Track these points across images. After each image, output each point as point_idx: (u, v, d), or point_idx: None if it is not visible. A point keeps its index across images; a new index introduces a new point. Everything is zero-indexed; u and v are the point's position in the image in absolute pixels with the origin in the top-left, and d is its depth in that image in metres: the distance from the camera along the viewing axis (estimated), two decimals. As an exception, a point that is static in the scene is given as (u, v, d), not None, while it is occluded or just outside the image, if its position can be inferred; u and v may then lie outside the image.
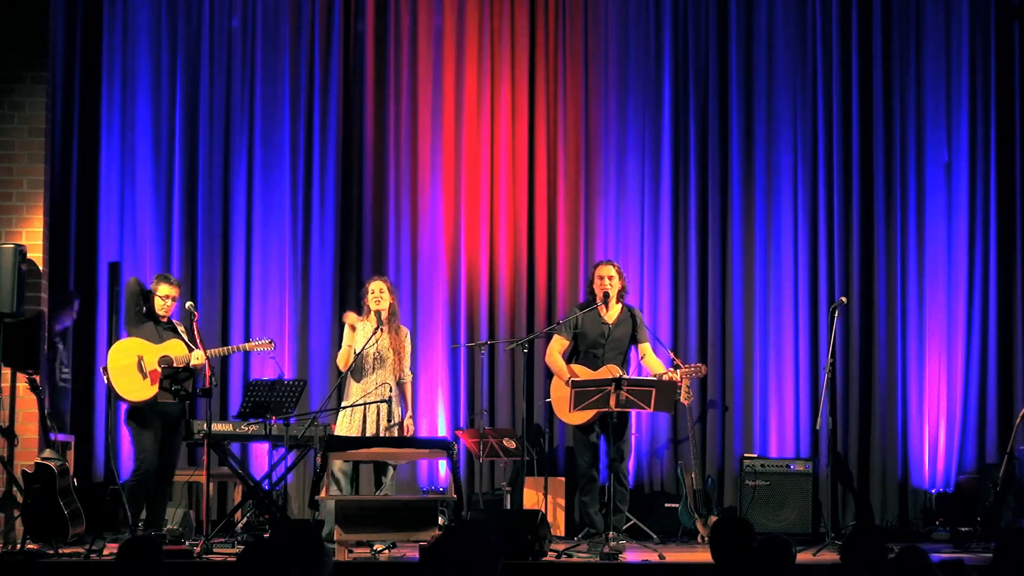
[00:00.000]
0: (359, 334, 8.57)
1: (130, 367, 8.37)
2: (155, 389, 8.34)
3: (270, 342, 8.79)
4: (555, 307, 10.34)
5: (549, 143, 10.53)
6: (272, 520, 8.65)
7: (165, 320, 8.54)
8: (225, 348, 8.95)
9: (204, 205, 10.28)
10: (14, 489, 8.50)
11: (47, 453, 8.27)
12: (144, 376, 8.36)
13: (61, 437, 8.86)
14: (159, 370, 8.35)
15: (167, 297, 8.49)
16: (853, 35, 10.41)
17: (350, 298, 10.14)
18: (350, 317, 8.73)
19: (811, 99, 10.44)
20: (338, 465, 8.36)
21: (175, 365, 8.37)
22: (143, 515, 8.40)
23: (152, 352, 8.37)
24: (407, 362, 8.66)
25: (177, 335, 8.50)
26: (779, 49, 10.48)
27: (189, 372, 8.43)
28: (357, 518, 7.73)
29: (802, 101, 10.45)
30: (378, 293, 8.59)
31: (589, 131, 10.53)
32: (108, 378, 8.42)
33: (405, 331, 8.75)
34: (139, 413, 8.40)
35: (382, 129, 10.49)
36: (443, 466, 9.93)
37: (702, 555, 8.58)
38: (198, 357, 8.38)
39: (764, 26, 10.49)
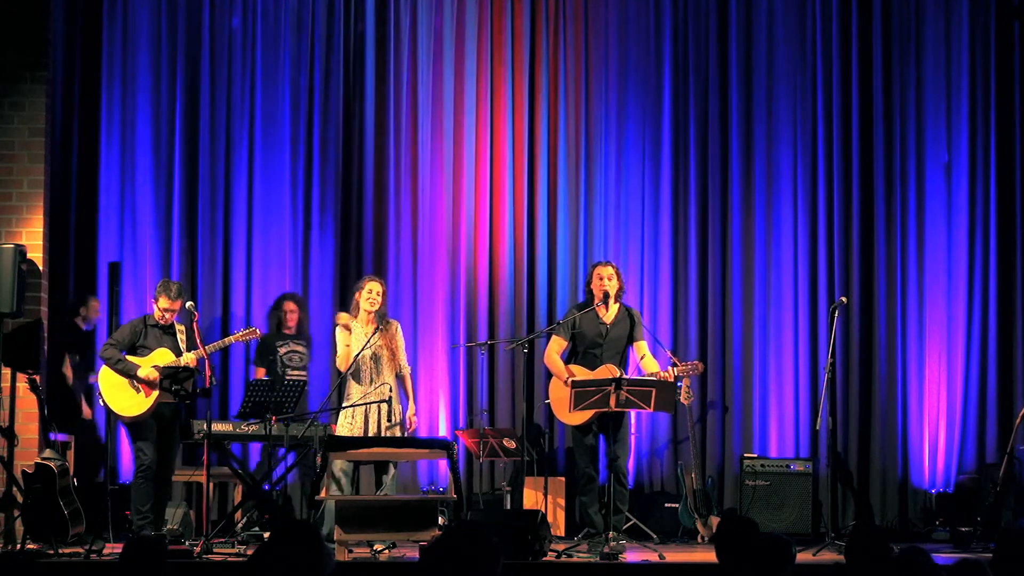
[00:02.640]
0: (354, 336, 8.51)
1: (122, 384, 8.38)
2: (150, 402, 8.33)
3: (255, 329, 8.77)
4: (555, 307, 10.33)
5: (549, 143, 10.54)
6: (272, 520, 8.65)
7: (166, 324, 8.52)
8: (212, 345, 8.68)
9: (204, 205, 10.28)
10: (14, 489, 8.50)
11: (47, 453, 8.27)
12: (137, 391, 8.36)
13: (61, 437, 8.86)
14: (153, 379, 8.33)
15: (165, 311, 8.46)
16: (853, 35, 10.41)
17: (350, 298, 10.12)
18: (342, 318, 8.68)
19: (811, 99, 10.45)
20: (339, 465, 8.35)
21: (175, 366, 8.38)
22: (147, 513, 8.38)
23: (142, 365, 8.36)
24: (402, 356, 8.63)
25: (173, 337, 8.48)
26: (779, 49, 10.48)
27: (189, 372, 8.43)
28: (357, 518, 7.74)
29: (802, 101, 10.45)
30: (375, 295, 8.54)
31: (589, 131, 10.53)
32: (103, 399, 8.44)
33: (396, 324, 8.70)
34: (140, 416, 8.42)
35: (382, 129, 10.50)
36: (443, 466, 9.92)
37: (702, 555, 8.58)
38: (187, 359, 8.36)
39: (764, 26, 10.49)
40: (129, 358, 8.39)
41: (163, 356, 8.40)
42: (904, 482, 10.18)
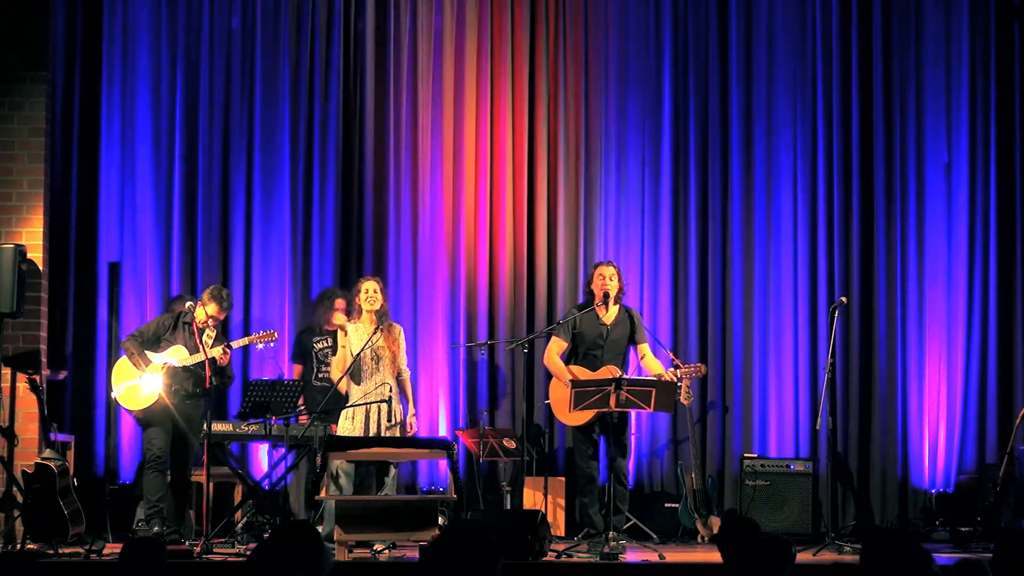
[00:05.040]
0: (352, 336, 8.51)
1: (132, 375, 8.39)
2: (153, 397, 8.32)
3: (273, 332, 8.73)
4: (555, 307, 10.33)
5: (549, 143, 10.53)
6: (272, 520, 8.65)
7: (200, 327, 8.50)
8: (215, 348, 8.57)
9: (204, 205, 10.28)
10: (14, 489, 8.50)
11: (47, 453, 8.27)
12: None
13: (61, 437, 8.86)
14: (160, 374, 8.33)
15: (209, 317, 8.43)
16: (853, 35, 10.41)
17: (350, 298, 10.12)
18: (339, 317, 8.66)
19: (811, 99, 10.44)
20: (341, 465, 8.35)
21: (177, 365, 8.36)
22: (156, 503, 8.35)
23: (153, 362, 8.36)
24: (403, 359, 8.62)
25: (195, 338, 8.45)
26: (779, 49, 10.48)
27: (188, 372, 8.42)
28: (357, 518, 7.74)
29: (802, 101, 10.45)
30: (372, 293, 8.51)
31: (589, 131, 10.53)
32: (115, 396, 8.47)
33: (398, 328, 8.70)
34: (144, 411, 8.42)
35: (382, 129, 10.50)
36: (443, 466, 9.92)
37: (702, 555, 8.58)
38: (215, 352, 8.33)
39: (764, 26, 10.49)
40: (148, 354, 8.41)
41: (177, 352, 8.40)
42: (904, 482, 10.17)
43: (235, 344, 8.65)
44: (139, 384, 8.37)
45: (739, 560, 4.69)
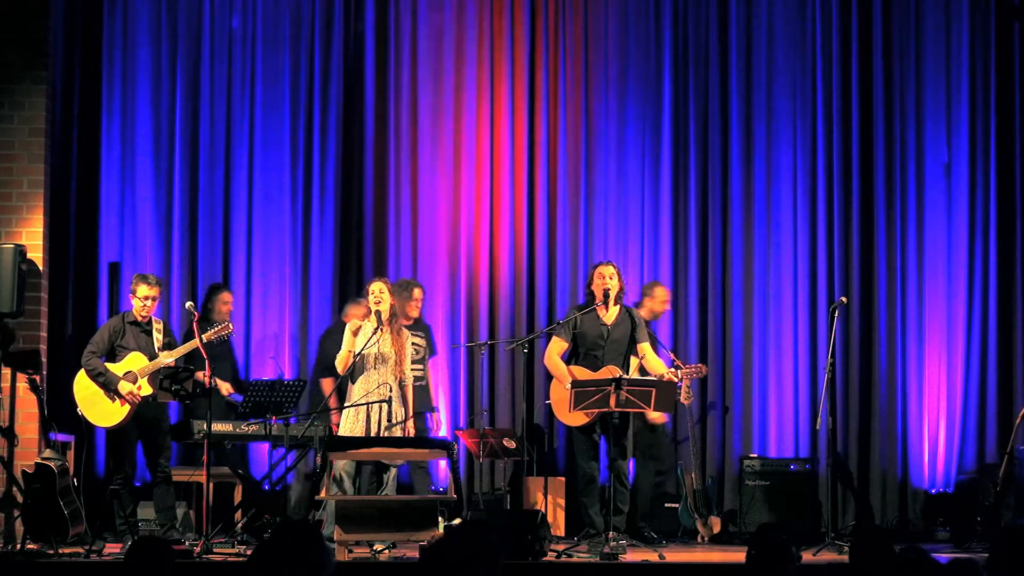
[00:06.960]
0: (360, 336, 8.52)
1: (96, 394, 8.34)
2: (125, 411, 8.28)
3: (228, 324, 8.66)
4: (555, 307, 10.33)
5: (549, 143, 10.54)
6: (272, 520, 8.66)
7: (145, 321, 8.47)
8: (184, 347, 8.44)
9: (204, 205, 10.28)
10: (14, 489, 8.50)
11: (47, 453, 8.27)
12: (113, 400, 8.32)
13: (61, 437, 8.85)
14: (134, 399, 8.27)
15: (146, 298, 8.40)
16: (853, 35, 10.42)
17: (350, 298, 10.13)
18: (354, 323, 8.66)
19: (811, 99, 10.45)
20: (344, 467, 8.36)
21: (141, 376, 8.30)
22: (128, 517, 8.37)
23: (122, 379, 8.29)
24: (408, 364, 8.63)
25: (149, 336, 8.41)
26: (779, 49, 10.49)
27: (189, 372, 8.41)
28: (357, 518, 7.74)
29: (802, 101, 10.46)
30: (378, 294, 8.56)
31: (589, 131, 10.54)
32: (79, 409, 8.41)
33: (407, 333, 8.72)
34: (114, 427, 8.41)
35: (382, 128, 10.50)
36: (443, 466, 9.92)
37: (702, 555, 8.60)
38: (163, 359, 8.28)
39: (764, 25, 10.50)
40: (108, 366, 8.35)
41: (136, 360, 8.34)
42: (904, 482, 10.18)
43: (191, 345, 8.44)
44: (106, 400, 8.33)
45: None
